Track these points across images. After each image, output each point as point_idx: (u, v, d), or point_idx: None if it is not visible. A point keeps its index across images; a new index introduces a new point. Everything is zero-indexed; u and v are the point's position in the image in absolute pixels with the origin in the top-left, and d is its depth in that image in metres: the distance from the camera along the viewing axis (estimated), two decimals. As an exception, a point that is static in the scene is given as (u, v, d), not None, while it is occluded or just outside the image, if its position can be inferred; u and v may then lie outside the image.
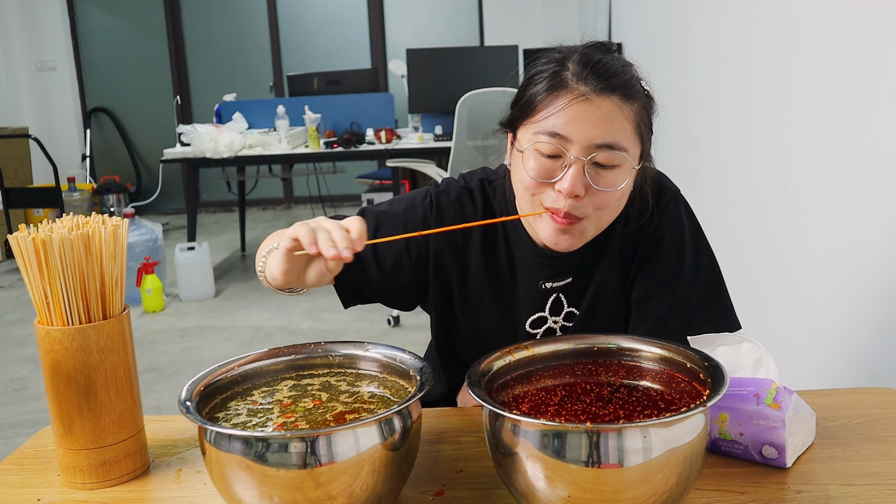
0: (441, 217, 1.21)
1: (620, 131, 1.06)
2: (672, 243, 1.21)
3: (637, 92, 1.09)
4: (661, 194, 1.22)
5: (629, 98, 1.07)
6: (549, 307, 1.23)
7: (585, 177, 1.05)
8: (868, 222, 1.68)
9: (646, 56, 4.04)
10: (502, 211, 1.22)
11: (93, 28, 7.20)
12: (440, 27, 7.03)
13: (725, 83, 2.65)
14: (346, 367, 1.02)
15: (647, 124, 1.12)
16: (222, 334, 3.98)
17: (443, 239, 1.22)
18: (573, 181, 1.04)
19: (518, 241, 1.22)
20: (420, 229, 1.19)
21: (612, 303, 1.23)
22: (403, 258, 1.21)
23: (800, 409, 0.99)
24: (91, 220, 1.01)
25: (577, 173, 1.04)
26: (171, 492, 0.98)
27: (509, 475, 0.83)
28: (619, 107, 1.06)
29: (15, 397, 3.33)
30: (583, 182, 1.05)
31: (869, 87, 1.66)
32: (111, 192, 6.43)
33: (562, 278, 1.22)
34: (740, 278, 2.52)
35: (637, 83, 1.10)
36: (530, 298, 1.23)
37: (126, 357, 1.00)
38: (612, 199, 1.08)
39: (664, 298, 1.20)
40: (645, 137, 1.11)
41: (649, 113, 1.12)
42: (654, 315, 1.20)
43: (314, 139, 4.71)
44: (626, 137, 1.06)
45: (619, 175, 1.07)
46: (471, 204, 1.23)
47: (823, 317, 1.90)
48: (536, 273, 1.21)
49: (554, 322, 1.24)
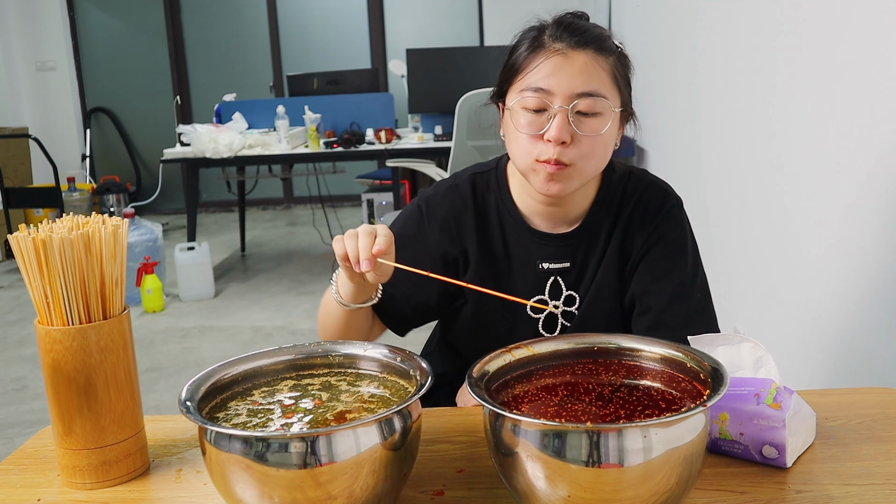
0: (433, 218, 1.27)
1: (598, 80, 1.14)
2: (672, 243, 1.23)
3: (609, 47, 1.17)
4: (666, 199, 1.26)
5: (602, 51, 1.16)
6: (549, 290, 1.26)
7: (570, 125, 1.13)
8: (868, 222, 1.68)
9: (646, 56, 4.04)
10: (496, 198, 1.28)
11: (93, 28, 7.20)
12: (440, 27, 7.03)
13: (725, 82, 2.65)
14: (346, 366, 1.02)
15: (624, 77, 1.19)
16: (222, 334, 3.98)
17: (440, 234, 1.27)
18: (559, 128, 1.13)
19: (513, 224, 1.27)
20: (417, 243, 1.27)
21: (611, 297, 1.25)
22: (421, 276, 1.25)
23: (800, 409, 0.99)
24: (91, 220, 1.01)
25: (562, 121, 1.13)
26: (172, 492, 0.98)
27: (509, 475, 0.83)
28: (594, 59, 1.15)
29: (15, 397, 3.33)
30: (568, 130, 1.13)
31: (872, 86, 1.66)
32: (111, 192, 6.43)
33: (559, 261, 1.25)
34: (741, 278, 2.52)
35: (608, 40, 1.18)
36: (529, 280, 1.26)
37: (126, 357, 1.00)
38: (597, 145, 1.16)
39: (664, 293, 1.22)
40: (623, 89, 1.19)
41: (625, 67, 1.20)
42: (655, 308, 1.22)
43: (314, 139, 4.71)
44: (605, 86, 1.15)
45: (601, 121, 1.15)
46: (460, 199, 1.28)
47: (823, 316, 1.90)
48: (533, 253, 1.26)
49: (555, 307, 1.27)
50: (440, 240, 1.27)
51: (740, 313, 2.53)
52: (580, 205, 1.25)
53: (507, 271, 1.27)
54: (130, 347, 1.01)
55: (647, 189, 1.26)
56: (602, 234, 1.25)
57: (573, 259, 1.25)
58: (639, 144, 4.23)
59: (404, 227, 1.30)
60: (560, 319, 1.27)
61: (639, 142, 4.23)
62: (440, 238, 1.27)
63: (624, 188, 1.26)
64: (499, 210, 1.27)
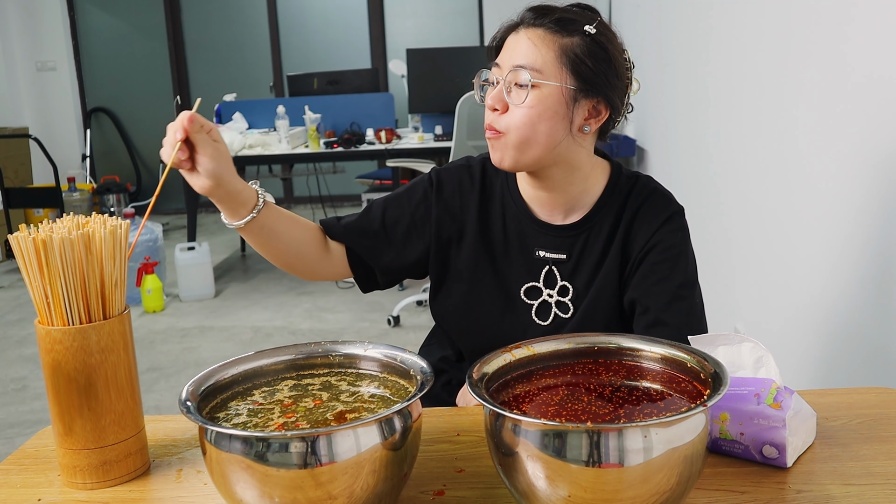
0: (441, 190, 1.32)
1: (536, 55, 1.17)
2: (672, 248, 1.24)
3: (571, 28, 1.18)
4: (668, 206, 1.27)
5: (558, 31, 1.17)
6: (543, 278, 1.28)
7: (505, 95, 1.18)
8: (869, 222, 1.68)
9: (646, 56, 4.04)
10: (502, 184, 1.32)
11: (93, 28, 7.20)
12: (440, 27, 7.02)
13: (726, 82, 2.65)
14: (346, 366, 1.02)
15: (584, 60, 1.18)
16: (222, 334, 3.98)
17: (443, 207, 1.31)
18: (492, 96, 1.19)
19: (515, 209, 1.29)
20: (421, 204, 1.32)
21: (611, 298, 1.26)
22: (412, 231, 1.32)
23: (800, 409, 0.99)
24: (91, 220, 1.01)
25: (498, 90, 1.19)
26: (172, 492, 0.98)
27: (510, 475, 0.83)
28: (542, 36, 1.17)
29: (15, 397, 3.33)
30: (501, 98, 1.18)
31: (875, 87, 1.66)
32: (111, 192, 6.43)
33: (556, 251, 1.27)
34: (741, 277, 2.52)
35: (574, 22, 1.18)
36: (524, 266, 1.28)
37: (126, 357, 1.00)
38: (526, 116, 1.17)
39: (664, 293, 1.22)
40: (582, 72, 1.17)
41: (591, 52, 1.18)
42: (655, 307, 1.22)
43: (314, 139, 4.71)
44: (544, 63, 1.17)
45: (534, 94, 1.16)
46: (468, 177, 1.33)
47: (823, 316, 1.90)
48: (532, 240, 1.28)
49: (549, 295, 1.28)
50: (440, 214, 1.31)
51: (740, 313, 2.53)
52: (577, 196, 1.26)
53: (503, 254, 1.29)
54: (131, 347, 1.01)
55: (651, 194, 1.27)
56: (603, 232, 1.26)
57: (570, 251, 1.27)
58: (639, 144, 4.23)
59: (412, 189, 1.34)
60: (554, 309, 1.27)
61: (639, 142, 4.23)
62: (441, 212, 1.31)
63: (630, 190, 1.27)
64: (503, 196, 1.30)
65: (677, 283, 1.22)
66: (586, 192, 1.26)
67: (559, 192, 1.25)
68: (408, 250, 1.32)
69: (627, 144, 4.23)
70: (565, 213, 1.27)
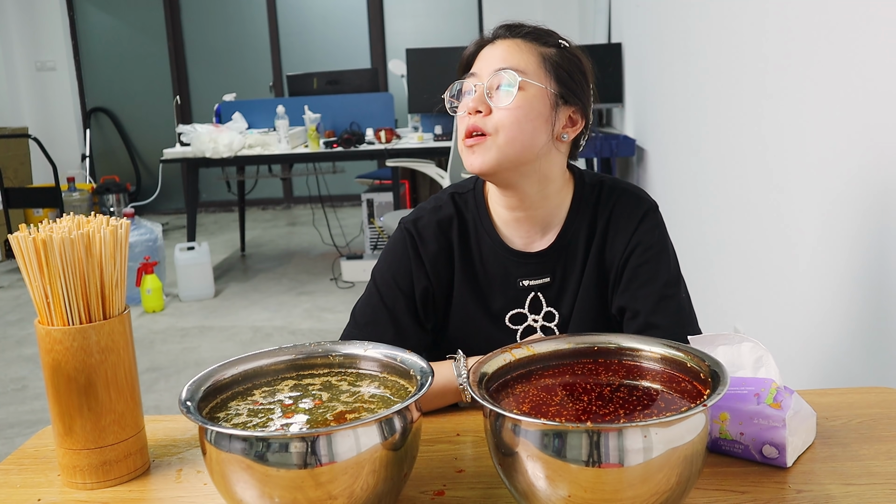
0: (426, 244, 1.27)
1: (518, 59, 1.19)
2: (652, 247, 1.24)
3: (546, 41, 1.22)
4: (639, 205, 1.26)
5: (534, 41, 1.21)
6: (528, 305, 1.27)
7: (486, 99, 1.18)
8: (868, 222, 1.68)
9: (646, 56, 4.04)
10: (474, 217, 1.29)
11: (93, 28, 7.20)
12: (440, 27, 7.03)
13: (726, 82, 2.65)
14: (346, 366, 1.02)
15: (562, 67, 1.21)
16: (222, 334, 3.98)
17: (418, 266, 1.27)
18: (474, 99, 1.19)
19: (491, 244, 1.27)
20: (410, 273, 1.26)
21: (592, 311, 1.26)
22: (415, 311, 1.27)
23: (800, 409, 0.99)
24: (92, 220, 1.01)
25: (479, 93, 1.19)
26: (172, 492, 0.98)
27: (510, 475, 0.83)
28: (521, 45, 1.20)
29: (15, 397, 3.33)
30: (483, 101, 1.18)
31: (869, 86, 1.66)
32: (111, 192, 6.43)
33: (539, 276, 1.26)
34: (741, 277, 2.52)
35: (549, 36, 1.22)
36: (509, 296, 1.27)
37: (126, 357, 1.00)
38: (511, 118, 1.17)
39: (651, 296, 1.22)
40: (560, 77, 1.20)
41: (568, 61, 1.22)
42: (644, 311, 1.22)
43: (314, 139, 4.71)
44: (527, 66, 1.19)
45: (519, 97, 1.17)
46: (445, 218, 1.29)
47: (823, 316, 1.90)
48: (512, 272, 1.27)
49: (534, 321, 1.27)
50: (424, 275, 1.26)
51: (740, 313, 2.53)
52: (551, 213, 1.25)
53: (487, 289, 1.28)
54: (130, 347, 1.01)
55: (620, 197, 1.26)
56: (580, 246, 1.25)
57: (553, 274, 1.26)
58: (639, 144, 4.23)
59: (394, 265, 1.28)
60: (539, 333, 1.27)
61: (639, 141, 4.23)
62: (426, 272, 1.26)
63: (597, 198, 1.26)
64: (477, 231, 1.28)
65: (662, 283, 1.22)
66: (559, 207, 1.25)
67: (533, 209, 1.24)
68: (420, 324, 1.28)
69: (627, 144, 4.23)
70: (542, 233, 1.26)
